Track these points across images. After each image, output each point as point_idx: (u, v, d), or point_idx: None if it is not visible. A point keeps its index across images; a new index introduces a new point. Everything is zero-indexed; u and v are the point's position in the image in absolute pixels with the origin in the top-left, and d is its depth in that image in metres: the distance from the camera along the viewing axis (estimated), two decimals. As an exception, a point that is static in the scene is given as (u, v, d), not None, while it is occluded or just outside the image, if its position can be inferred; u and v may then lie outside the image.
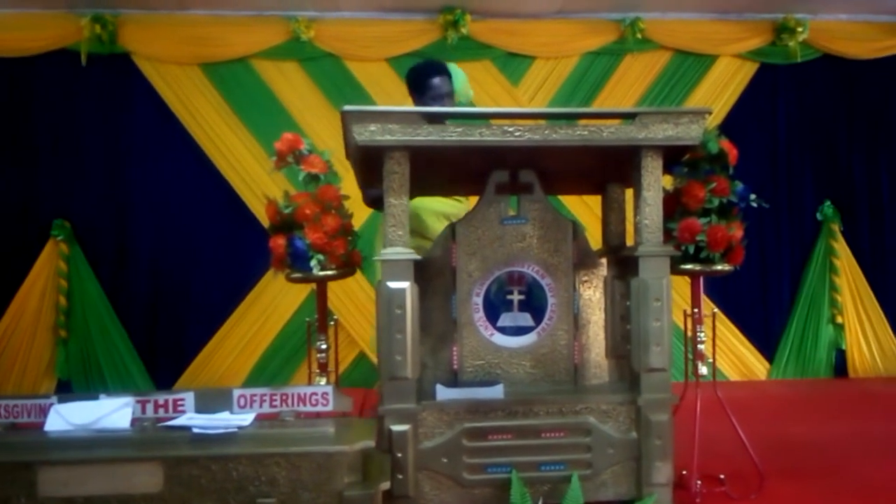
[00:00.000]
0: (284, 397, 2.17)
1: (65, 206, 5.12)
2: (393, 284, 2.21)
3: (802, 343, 5.45)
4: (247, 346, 5.18)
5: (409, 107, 3.09)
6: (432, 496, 2.28)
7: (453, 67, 3.34)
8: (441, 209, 3.28)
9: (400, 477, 2.19)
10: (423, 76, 3.25)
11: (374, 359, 3.37)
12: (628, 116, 2.34)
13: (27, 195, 5.12)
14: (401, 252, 2.23)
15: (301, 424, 2.12)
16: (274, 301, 5.17)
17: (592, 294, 2.53)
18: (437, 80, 3.20)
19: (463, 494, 2.28)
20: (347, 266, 2.57)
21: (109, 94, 5.19)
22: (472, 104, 3.57)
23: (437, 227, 3.12)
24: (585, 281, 2.52)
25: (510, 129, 2.25)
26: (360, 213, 4.74)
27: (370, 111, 2.23)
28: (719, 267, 2.51)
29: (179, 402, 2.14)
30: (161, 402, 2.14)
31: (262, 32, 5.23)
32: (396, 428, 2.21)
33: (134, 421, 2.07)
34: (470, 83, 3.57)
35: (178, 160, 5.21)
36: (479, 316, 2.44)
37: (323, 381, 2.59)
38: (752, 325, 5.45)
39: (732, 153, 2.53)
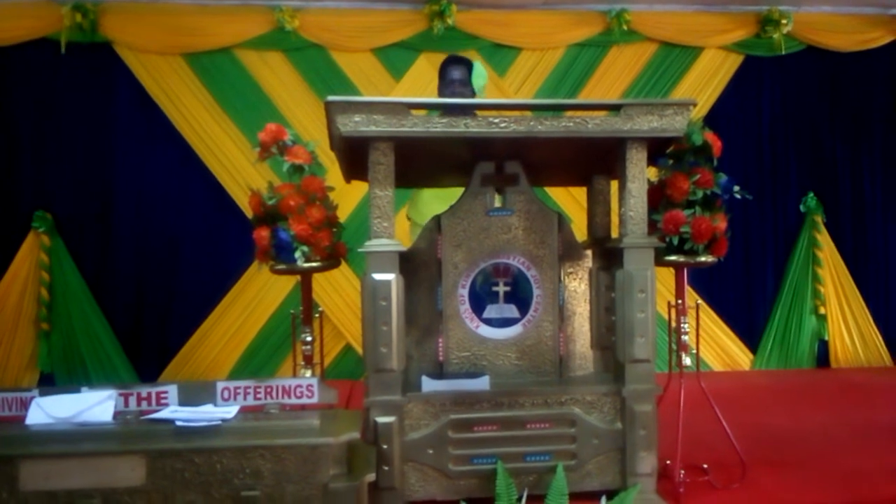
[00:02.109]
0: (269, 390, 2.16)
1: (46, 197, 5.05)
2: (378, 276, 2.21)
3: (786, 334, 5.50)
4: (231, 339, 5.15)
5: (395, 97, 3.09)
6: (418, 488, 2.28)
7: (477, 65, 3.45)
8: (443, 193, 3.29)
9: (385, 468, 2.19)
10: (443, 65, 3.55)
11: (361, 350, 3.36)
12: (613, 108, 2.34)
13: (7, 186, 5.05)
14: (386, 244, 2.23)
15: (286, 417, 2.12)
16: (259, 293, 5.14)
17: (578, 285, 2.54)
18: (453, 68, 3.47)
19: (448, 485, 2.29)
20: (332, 258, 2.56)
21: (91, 84, 5.11)
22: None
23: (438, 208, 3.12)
24: (571, 272, 2.53)
25: (496, 121, 2.24)
26: (346, 205, 4.76)
27: (354, 102, 2.21)
28: (703, 258, 2.53)
29: (163, 395, 2.13)
30: (144, 394, 2.12)
31: (245, 22, 5.17)
32: (382, 420, 2.21)
33: (116, 414, 2.06)
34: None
35: (161, 151, 5.15)
36: (465, 307, 2.44)
37: (308, 373, 2.58)
38: (736, 316, 5.49)
39: (717, 145, 2.54)
